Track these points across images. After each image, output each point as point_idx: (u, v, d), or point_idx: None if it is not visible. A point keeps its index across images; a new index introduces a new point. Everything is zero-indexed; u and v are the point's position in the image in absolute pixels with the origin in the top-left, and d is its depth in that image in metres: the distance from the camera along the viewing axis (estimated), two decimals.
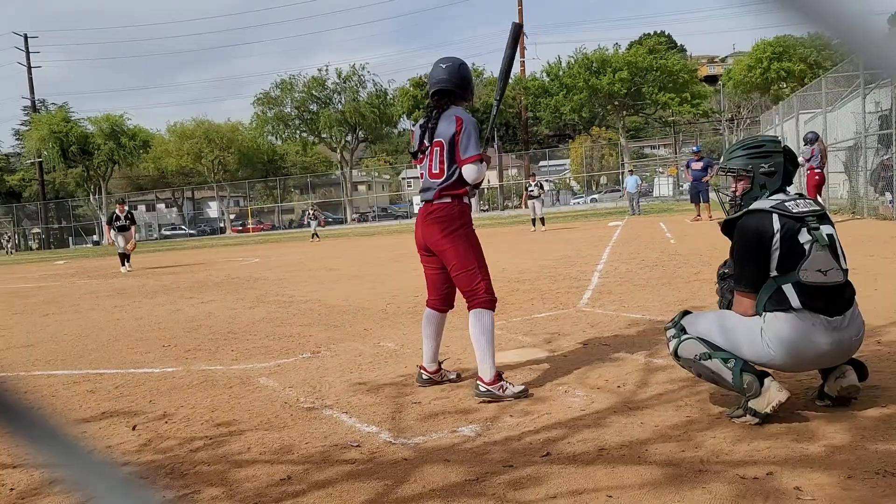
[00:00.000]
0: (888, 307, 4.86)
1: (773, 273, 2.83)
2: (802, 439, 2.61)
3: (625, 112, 51.66)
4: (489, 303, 3.62)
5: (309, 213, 28.94)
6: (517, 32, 3.65)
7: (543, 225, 19.86)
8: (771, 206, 2.87)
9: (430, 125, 3.65)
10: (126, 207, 16.48)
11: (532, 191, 19.69)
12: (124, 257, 16.04)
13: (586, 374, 3.82)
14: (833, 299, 2.79)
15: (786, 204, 2.87)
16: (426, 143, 3.65)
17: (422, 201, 3.73)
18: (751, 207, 2.93)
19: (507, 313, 6.05)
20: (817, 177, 13.99)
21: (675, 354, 3.02)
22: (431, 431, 3.06)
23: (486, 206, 54.81)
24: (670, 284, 6.93)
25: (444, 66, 3.67)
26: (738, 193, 3.03)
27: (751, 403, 2.78)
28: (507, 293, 7.28)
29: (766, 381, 2.76)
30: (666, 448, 2.63)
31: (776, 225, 2.83)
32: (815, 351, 2.78)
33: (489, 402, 3.41)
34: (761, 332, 2.81)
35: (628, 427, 2.91)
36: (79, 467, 0.52)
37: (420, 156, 3.71)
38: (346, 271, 11.73)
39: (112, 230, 15.83)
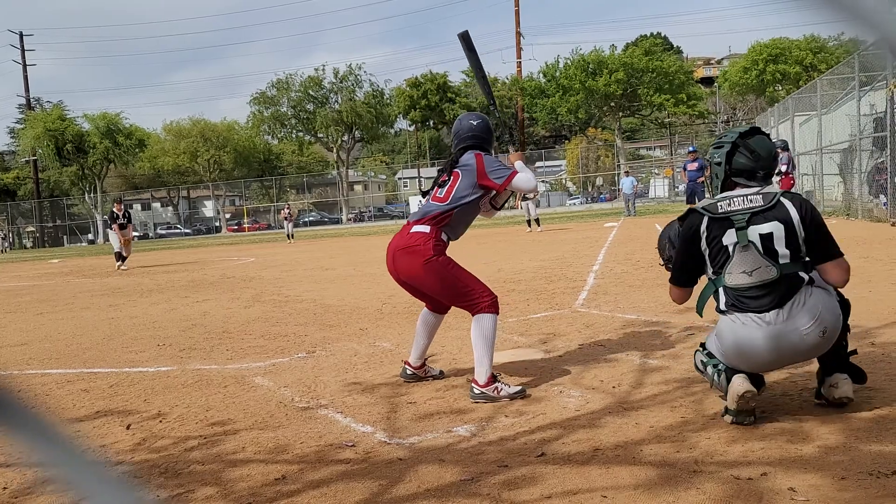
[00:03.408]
0: (883, 309, 4.87)
1: (712, 275, 2.91)
2: (796, 440, 2.61)
3: (621, 113, 51.76)
4: (491, 306, 3.57)
5: (285, 213, 28.83)
6: (467, 40, 3.68)
7: (539, 226, 19.88)
8: (702, 207, 2.92)
9: (449, 163, 3.71)
10: (123, 206, 16.51)
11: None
12: (121, 255, 16.02)
13: (581, 375, 3.82)
14: (763, 296, 2.77)
15: (718, 203, 2.88)
16: (445, 177, 3.68)
17: (410, 220, 3.70)
18: (692, 206, 3.02)
19: (502, 314, 6.03)
20: (791, 181, 15.06)
21: (695, 365, 3.14)
22: (426, 431, 3.06)
23: None
24: (665, 285, 6.92)
25: (475, 123, 3.76)
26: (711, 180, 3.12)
27: (725, 403, 2.85)
28: (503, 293, 7.28)
29: (734, 377, 2.79)
30: (661, 448, 2.63)
31: (703, 227, 2.88)
32: (757, 349, 2.75)
33: (484, 402, 3.42)
34: (716, 339, 2.93)
35: (623, 427, 2.91)
36: (71, 467, 0.51)
37: (435, 188, 3.72)
38: (341, 271, 11.72)
39: (116, 228, 15.88)
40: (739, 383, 2.75)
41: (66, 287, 12.59)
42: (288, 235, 27.78)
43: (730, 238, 2.81)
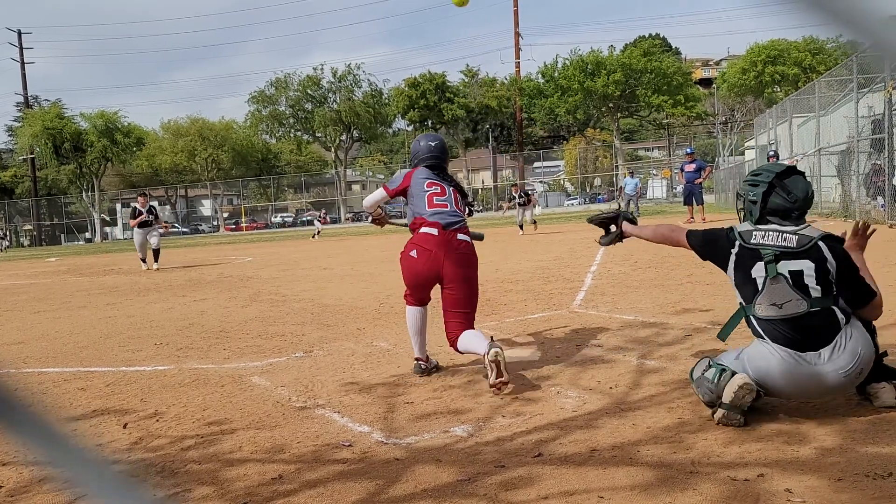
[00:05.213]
0: None
1: (743, 302, 2.94)
2: (793, 441, 2.61)
3: (619, 114, 51.81)
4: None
5: (318, 215, 29.97)
6: None
7: (522, 230, 19.35)
8: (739, 231, 2.97)
9: (440, 175, 4.11)
10: (147, 201, 14.74)
11: (517, 200, 19.41)
12: (156, 253, 14.52)
13: (578, 376, 3.82)
14: (800, 331, 2.77)
15: (753, 232, 2.92)
16: (443, 184, 4.05)
17: (446, 226, 3.89)
18: (732, 226, 3.08)
19: (499, 314, 6.06)
20: None
21: (691, 376, 3.09)
22: (423, 431, 3.06)
23: (481, 208, 54.82)
24: (663, 286, 6.94)
25: (434, 144, 4.21)
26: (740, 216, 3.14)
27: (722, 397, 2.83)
28: (501, 294, 7.28)
29: (737, 375, 2.80)
30: (657, 449, 2.63)
31: (735, 251, 2.95)
32: (793, 384, 2.79)
33: (482, 402, 3.42)
34: (746, 359, 2.91)
35: (620, 428, 2.91)
36: (73, 464, 0.51)
37: (438, 189, 4.02)
38: (339, 270, 11.71)
39: (136, 226, 14.42)
40: (741, 377, 2.76)
41: (63, 285, 12.57)
42: (316, 233, 28.59)
43: (758, 271, 2.84)
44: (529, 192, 21.24)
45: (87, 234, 59.87)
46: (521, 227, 19.60)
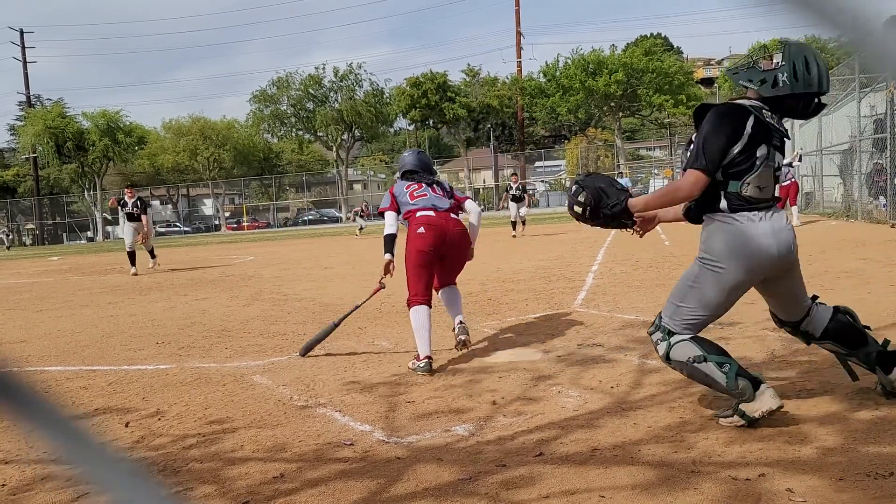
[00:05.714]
0: (881, 310, 4.88)
1: (720, 177, 2.79)
2: (795, 441, 2.62)
3: (621, 113, 51.73)
4: None
5: (357, 211, 30.05)
6: None
7: (523, 226, 18.52)
8: (751, 106, 2.82)
9: (421, 177, 4.64)
10: (135, 193, 13.30)
11: (514, 193, 18.27)
12: (150, 252, 13.88)
13: (580, 375, 3.82)
14: (756, 208, 2.82)
15: (763, 112, 2.82)
16: (421, 182, 4.58)
17: (436, 208, 4.42)
18: (733, 101, 2.88)
19: (501, 313, 6.06)
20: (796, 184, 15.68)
21: (667, 358, 2.89)
22: (425, 430, 3.06)
23: (482, 207, 54.75)
24: (665, 286, 6.94)
25: (410, 154, 4.87)
26: (759, 65, 2.89)
27: (742, 406, 2.74)
28: (502, 293, 7.28)
29: (762, 387, 2.73)
30: (659, 449, 2.64)
31: (748, 127, 2.77)
32: (749, 248, 2.76)
33: (483, 401, 3.42)
34: (710, 262, 2.82)
35: (621, 428, 2.91)
36: (88, 458, 0.52)
37: (416, 186, 4.55)
38: (340, 270, 11.72)
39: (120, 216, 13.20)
40: (771, 397, 2.70)
41: (65, 284, 12.59)
42: (360, 228, 28.42)
43: (762, 151, 2.79)
44: (528, 190, 20.71)
45: (90, 233, 59.90)
46: (513, 225, 18.54)
